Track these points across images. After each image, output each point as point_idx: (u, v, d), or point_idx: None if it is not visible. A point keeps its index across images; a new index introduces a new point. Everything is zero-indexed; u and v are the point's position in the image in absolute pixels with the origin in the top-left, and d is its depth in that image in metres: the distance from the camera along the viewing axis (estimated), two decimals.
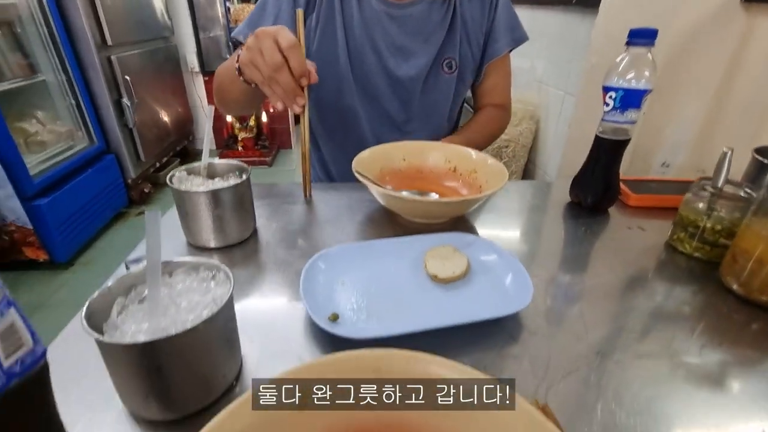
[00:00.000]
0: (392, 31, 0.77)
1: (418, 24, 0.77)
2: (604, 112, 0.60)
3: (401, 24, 0.77)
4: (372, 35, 0.77)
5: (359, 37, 0.76)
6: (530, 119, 1.48)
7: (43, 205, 1.77)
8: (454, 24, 0.78)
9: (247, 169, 0.55)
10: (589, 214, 0.66)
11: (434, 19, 0.78)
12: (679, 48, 0.80)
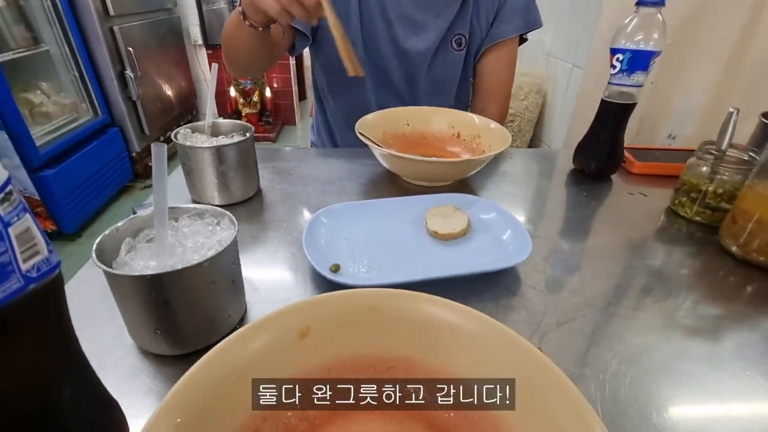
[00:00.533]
0: (404, 1, 0.75)
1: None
2: (610, 74, 0.59)
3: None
4: (383, 3, 0.75)
5: (372, 3, 0.75)
6: (537, 93, 1.46)
7: (50, 176, 1.79)
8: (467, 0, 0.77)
9: (250, 128, 0.56)
10: (592, 181, 0.66)
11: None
12: (692, 12, 0.78)
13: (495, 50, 0.81)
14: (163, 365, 0.33)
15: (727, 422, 0.30)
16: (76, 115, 2.09)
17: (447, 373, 0.28)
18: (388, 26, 0.77)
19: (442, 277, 0.40)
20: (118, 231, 0.33)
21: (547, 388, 0.22)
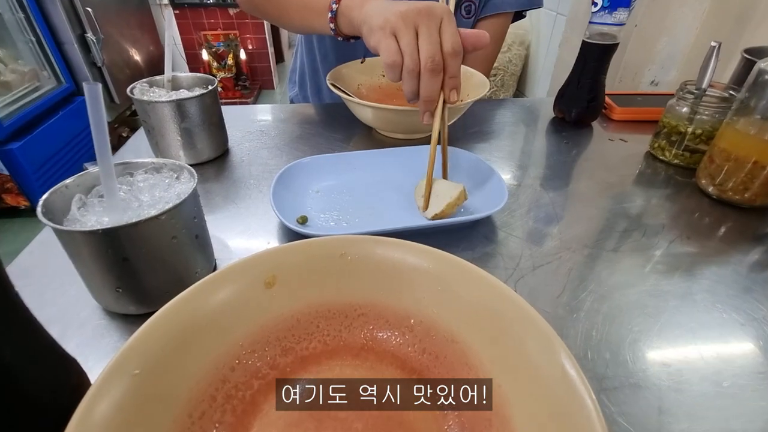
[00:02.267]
0: None
1: None
2: (591, 13, 0.56)
3: None
4: None
5: None
6: (520, 45, 1.41)
7: (16, 149, 1.70)
8: None
9: (213, 81, 0.52)
10: (573, 128, 0.65)
11: None
12: None
13: (489, 20, 0.77)
14: (130, 324, 0.32)
15: (697, 353, 0.31)
16: (37, 84, 1.97)
17: (417, 315, 0.27)
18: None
19: (414, 228, 0.39)
20: (67, 188, 0.31)
21: (514, 319, 0.22)
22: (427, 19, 0.40)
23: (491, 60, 0.85)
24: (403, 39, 0.40)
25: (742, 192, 0.45)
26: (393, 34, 0.41)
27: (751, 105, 0.44)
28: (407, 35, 0.40)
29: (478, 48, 0.42)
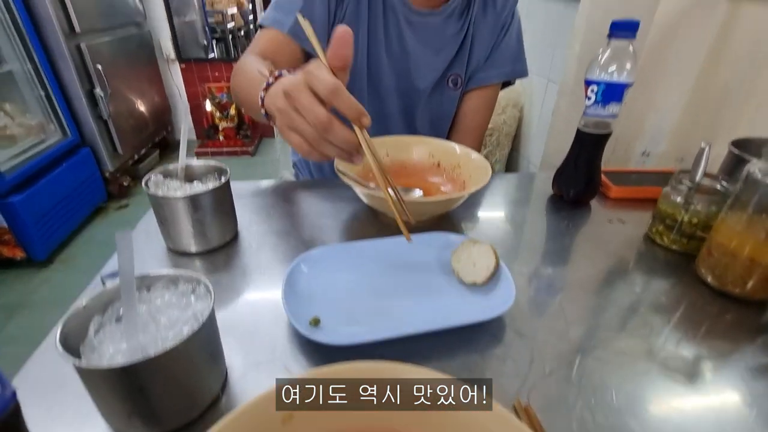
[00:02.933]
0: (407, 35, 0.75)
1: (432, 35, 0.76)
2: (585, 105, 0.60)
3: (416, 31, 0.75)
4: (389, 36, 0.75)
5: (379, 36, 0.75)
6: (514, 107, 1.48)
7: (17, 202, 1.72)
8: (465, 41, 0.78)
9: (226, 171, 0.54)
10: (571, 207, 0.67)
11: (448, 34, 0.77)
12: (661, 35, 0.80)
13: (478, 91, 0.83)
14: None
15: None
16: (43, 137, 2.01)
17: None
18: (391, 61, 0.77)
19: (426, 332, 0.39)
20: (85, 309, 0.32)
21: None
22: (295, 92, 0.39)
23: (483, 129, 0.88)
24: (297, 127, 0.40)
25: (742, 285, 0.47)
26: (291, 130, 0.41)
27: (743, 201, 0.46)
28: (294, 121, 0.40)
29: (342, 49, 0.38)
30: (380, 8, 0.73)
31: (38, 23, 1.90)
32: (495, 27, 0.79)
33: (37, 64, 1.91)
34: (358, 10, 0.72)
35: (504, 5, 0.78)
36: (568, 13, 1.24)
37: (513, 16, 0.80)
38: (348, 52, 0.38)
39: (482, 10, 0.78)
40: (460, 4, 0.77)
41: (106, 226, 2.21)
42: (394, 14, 0.74)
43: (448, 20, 0.76)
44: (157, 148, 2.88)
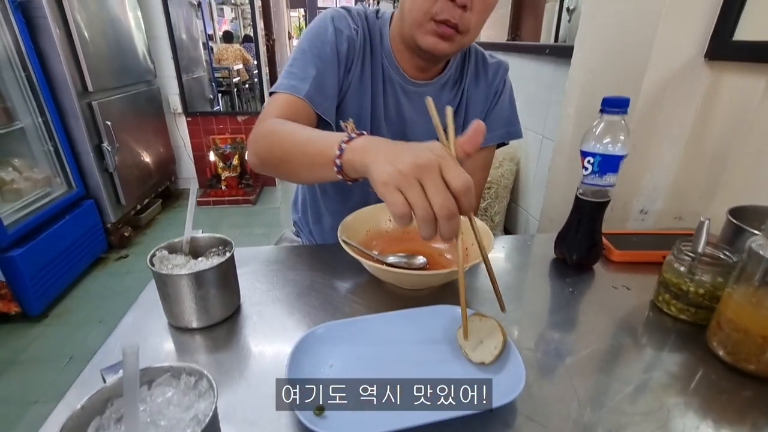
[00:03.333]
0: (404, 104, 0.79)
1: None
2: (583, 175, 0.61)
3: (412, 100, 0.79)
4: (388, 104, 0.79)
5: (379, 103, 0.79)
6: (510, 161, 1.51)
7: (17, 256, 1.71)
8: (459, 108, 0.82)
9: (230, 244, 0.54)
10: (575, 272, 0.67)
11: (443, 102, 0.80)
12: (651, 99, 0.84)
13: (474, 153, 0.85)
14: None
15: None
16: (49, 189, 2.04)
17: None
18: (390, 127, 0.81)
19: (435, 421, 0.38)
20: (83, 410, 0.31)
21: None
22: (428, 171, 0.39)
23: (480, 188, 0.90)
24: (409, 194, 0.40)
25: (757, 362, 0.45)
26: (398, 190, 0.40)
27: (748, 274, 0.46)
28: (412, 190, 0.40)
29: (478, 138, 0.44)
30: (380, 78, 0.77)
31: (53, 82, 1.98)
32: (488, 95, 0.83)
33: (48, 121, 1.97)
34: (362, 79, 0.76)
35: (495, 75, 0.83)
36: (558, 74, 1.30)
37: (504, 84, 0.84)
38: (480, 142, 0.43)
39: (474, 80, 0.82)
40: (453, 76, 0.81)
41: (104, 277, 2.18)
42: (392, 85, 0.78)
43: (442, 90, 0.81)
44: (161, 197, 2.92)
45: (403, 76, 0.78)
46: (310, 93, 0.69)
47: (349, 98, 0.76)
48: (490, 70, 0.83)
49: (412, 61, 0.76)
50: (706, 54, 0.79)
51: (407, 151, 0.41)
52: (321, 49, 0.71)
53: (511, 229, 1.64)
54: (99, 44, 2.18)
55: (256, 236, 2.66)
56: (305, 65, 0.71)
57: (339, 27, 0.73)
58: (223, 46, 4.76)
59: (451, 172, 0.40)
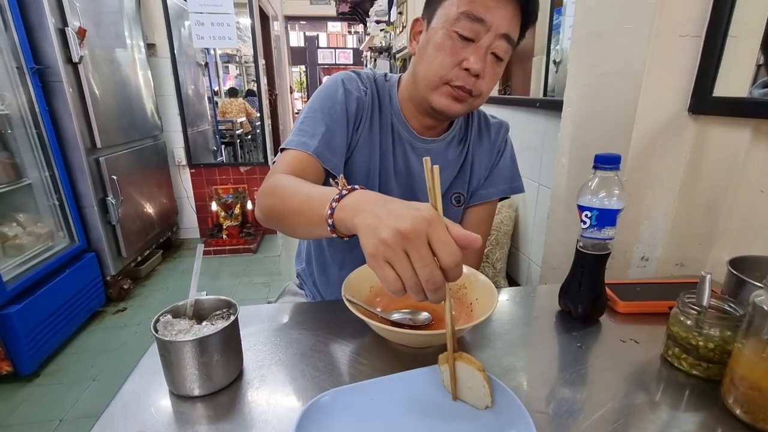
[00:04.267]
0: (412, 159, 0.83)
1: (435, 159, 0.82)
2: (582, 228, 0.62)
3: (420, 155, 0.83)
4: (396, 158, 0.83)
5: (389, 157, 0.82)
6: (509, 207, 1.54)
7: (14, 314, 1.68)
8: (465, 164, 0.86)
9: (235, 306, 0.54)
10: (581, 325, 0.66)
11: (449, 157, 0.85)
12: (641, 150, 0.87)
13: (479, 207, 0.90)
14: None
15: None
16: (51, 244, 2.05)
17: None
18: (398, 180, 0.84)
19: None
20: None
21: None
22: (414, 241, 0.38)
23: (484, 238, 0.93)
24: (397, 266, 0.39)
25: None
26: (387, 262, 0.40)
27: (755, 329, 0.45)
28: (400, 262, 0.39)
29: (469, 248, 0.41)
30: (389, 134, 0.81)
31: (63, 140, 2.05)
32: (491, 152, 0.87)
33: (56, 176, 2.02)
34: (371, 135, 0.80)
35: (497, 134, 0.88)
36: (550, 125, 1.36)
37: (506, 142, 0.89)
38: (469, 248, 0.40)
39: (478, 138, 0.87)
40: (459, 133, 0.85)
41: (100, 332, 2.13)
42: (400, 140, 0.82)
43: (448, 146, 0.84)
44: (162, 248, 2.92)
45: (412, 132, 0.81)
46: (319, 149, 0.72)
47: (357, 153, 0.80)
48: (493, 129, 0.87)
49: (421, 120, 0.81)
50: (689, 109, 0.83)
51: (392, 215, 0.40)
52: (331, 108, 0.75)
53: (513, 275, 1.63)
54: (109, 104, 2.28)
55: (257, 285, 2.64)
56: (315, 123, 0.75)
57: (349, 88, 0.77)
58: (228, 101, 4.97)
59: (439, 244, 0.39)
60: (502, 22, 0.66)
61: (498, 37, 0.67)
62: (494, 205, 0.91)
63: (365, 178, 0.81)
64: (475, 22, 0.66)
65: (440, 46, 0.68)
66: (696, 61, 0.81)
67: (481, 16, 0.66)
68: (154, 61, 2.85)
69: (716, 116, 0.80)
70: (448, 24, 0.68)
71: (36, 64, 1.88)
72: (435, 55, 0.69)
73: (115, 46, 2.38)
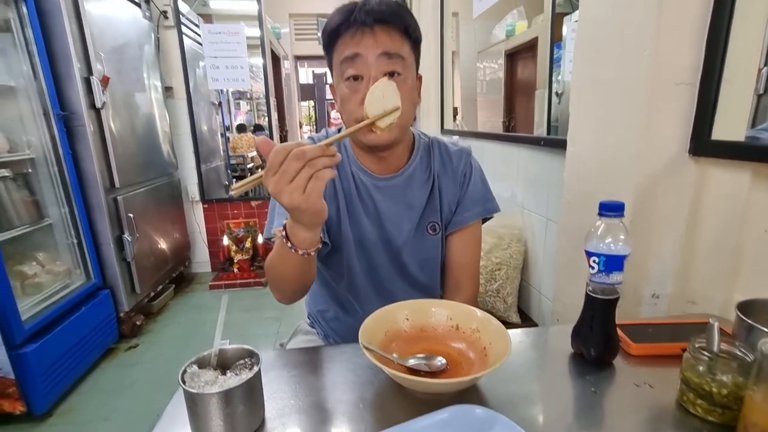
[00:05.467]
0: (377, 198, 0.88)
1: (399, 193, 0.89)
2: (590, 273, 0.64)
3: (384, 193, 0.88)
4: (364, 200, 0.88)
5: (356, 203, 0.88)
6: (518, 242, 1.56)
7: (30, 353, 1.70)
8: (433, 193, 0.90)
9: (257, 356, 0.56)
10: (595, 369, 0.67)
11: (414, 188, 0.89)
12: (645, 190, 0.90)
13: (460, 232, 0.92)
14: None
15: None
16: (68, 281, 2.09)
17: None
18: (370, 220, 0.88)
19: None
20: None
21: None
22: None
23: (475, 263, 0.95)
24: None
25: None
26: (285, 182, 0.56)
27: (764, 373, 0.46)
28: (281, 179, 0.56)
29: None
30: (351, 183, 0.87)
31: (83, 180, 2.13)
32: (456, 179, 0.91)
33: (75, 216, 2.09)
34: (334, 190, 0.87)
35: (459, 160, 0.91)
36: (555, 163, 1.39)
37: (471, 167, 0.92)
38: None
39: (442, 167, 0.91)
40: (421, 164, 0.90)
41: (113, 370, 2.14)
42: (363, 184, 0.88)
43: (411, 179, 0.89)
44: (174, 283, 2.95)
45: (371, 174, 0.87)
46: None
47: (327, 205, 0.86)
48: (454, 157, 0.92)
49: (374, 159, 0.86)
50: (689, 151, 0.86)
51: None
52: None
53: (525, 309, 1.63)
54: (128, 144, 2.38)
55: (267, 320, 2.64)
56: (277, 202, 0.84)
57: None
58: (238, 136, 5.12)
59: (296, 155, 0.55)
60: (375, 47, 0.73)
61: (379, 58, 0.74)
62: (476, 229, 0.93)
63: (337, 225, 0.87)
64: (354, 59, 0.75)
65: (343, 94, 0.78)
66: (693, 106, 0.85)
67: (354, 52, 0.74)
68: (170, 103, 2.98)
69: (716, 158, 0.82)
70: (340, 75, 0.78)
71: (62, 110, 1.99)
72: (343, 103, 0.78)
73: (135, 91, 2.51)
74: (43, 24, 1.91)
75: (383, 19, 0.74)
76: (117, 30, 2.35)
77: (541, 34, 2.36)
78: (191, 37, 3.17)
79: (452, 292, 0.93)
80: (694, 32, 0.83)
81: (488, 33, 3.12)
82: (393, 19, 0.75)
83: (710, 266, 0.86)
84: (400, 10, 0.77)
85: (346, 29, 0.75)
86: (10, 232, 1.83)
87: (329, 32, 0.77)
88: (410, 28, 0.77)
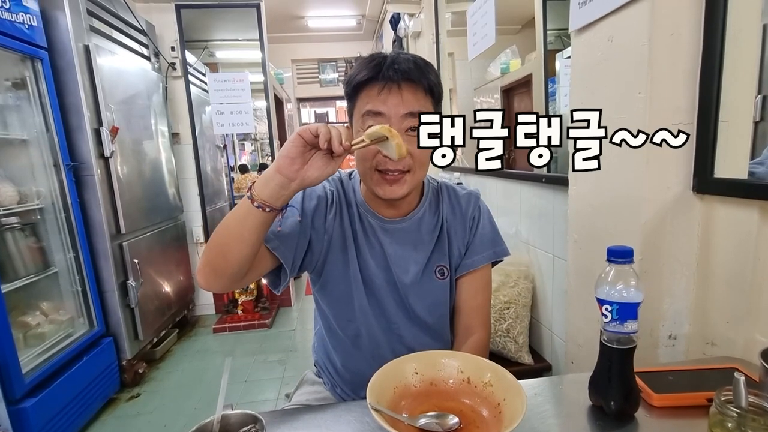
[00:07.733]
0: (385, 241, 0.87)
1: (408, 236, 0.88)
2: (604, 322, 0.62)
3: (392, 236, 0.88)
4: (371, 243, 0.88)
5: (363, 245, 0.87)
6: (525, 279, 1.53)
7: (29, 408, 1.66)
8: (441, 237, 0.89)
9: (261, 422, 0.54)
10: (616, 424, 0.63)
11: (423, 231, 0.89)
12: (653, 229, 0.89)
13: (470, 276, 0.91)
14: None
15: None
16: (71, 330, 2.06)
17: None
18: (377, 262, 0.87)
19: None
20: None
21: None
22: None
23: (485, 307, 0.93)
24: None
25: None
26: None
27: None
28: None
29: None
30: (359, 224, 0.87)
31: (90, 227, 2.14)
32: (465, 222, 0.90)
33: (81, 263, 2.08)
34: (343, 230, 0.87)
35: (468, 205, 0.91)
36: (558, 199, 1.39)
37: (480, 210, 0.92)
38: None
39: (450, 210, 0.91)
40: (429, 209, 0.90)
41: (113, 422, 2.07)
42: (371, 228, 0.88)
43: (420, 223, 0.89)
44: (177, 327, 2.91)
45: (379, 218, 0.87)
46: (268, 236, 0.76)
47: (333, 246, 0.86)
48: (463, 200, 0.92)
49: (384, 204, 0.87)
50: (693, 189, 0.86)
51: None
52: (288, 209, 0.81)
53: (537, 349, 1.58)
54: (135, 191, 2.41)
55: (272, 363, 2.57)
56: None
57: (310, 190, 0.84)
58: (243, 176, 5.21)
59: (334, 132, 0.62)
60: (400, 106, 0.75)
61: (404, 117, 0.76)
62: (486, 273, 0.92)
63: (344, 266, 0.86)
64: (377, 116, 0.76)
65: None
66: (692, 146, 0.85)
67: (379, 110, 0.76)
68: (177, 148, 3.05)
69: (721, 196, 0.82)
70: (360, 124, 0.78)
71: (71, 160, 2.04)
72: (359, 152, 0.78)
73: (143, 138, 2.57)
74: (57, 79, 1.99)
75: (410, 78, 0.76)
76: (127, 82, 2.45)
77: (535, 71, 2.43)
78: (197, 85, 3.29)
79: (463, 337, 0.91)
80: (687, 74, 0.85)
81: (483, 70, 3.22)
82: (419, 78, 0.77)
83: (727, 305, 0.83)
84: (426, 68, 0.79)
85: (373, 84, 0.76)
86: (15, 282, 1.82)
87: (355, 84, 0.78)
88: (434, 86, 0.79)
